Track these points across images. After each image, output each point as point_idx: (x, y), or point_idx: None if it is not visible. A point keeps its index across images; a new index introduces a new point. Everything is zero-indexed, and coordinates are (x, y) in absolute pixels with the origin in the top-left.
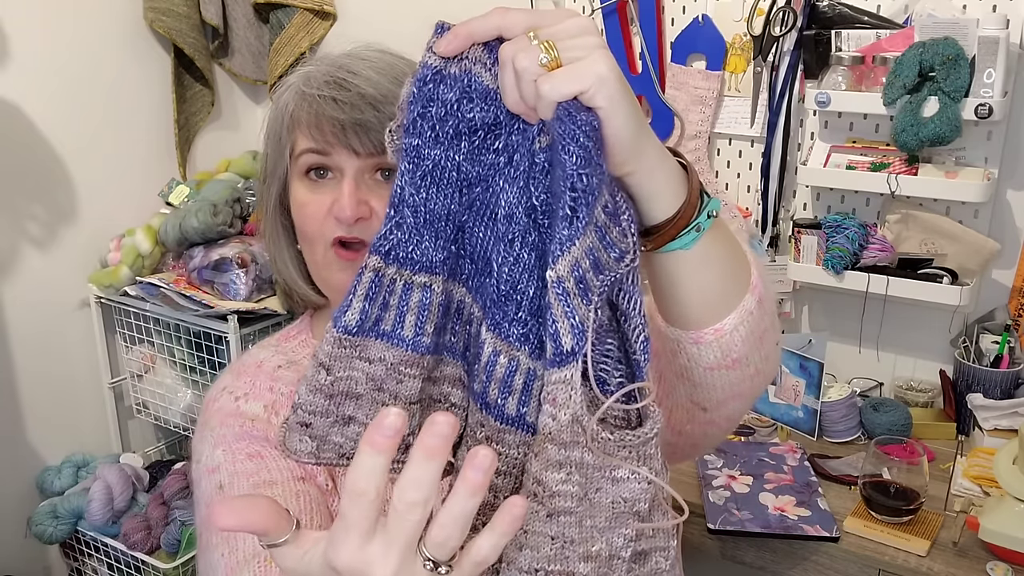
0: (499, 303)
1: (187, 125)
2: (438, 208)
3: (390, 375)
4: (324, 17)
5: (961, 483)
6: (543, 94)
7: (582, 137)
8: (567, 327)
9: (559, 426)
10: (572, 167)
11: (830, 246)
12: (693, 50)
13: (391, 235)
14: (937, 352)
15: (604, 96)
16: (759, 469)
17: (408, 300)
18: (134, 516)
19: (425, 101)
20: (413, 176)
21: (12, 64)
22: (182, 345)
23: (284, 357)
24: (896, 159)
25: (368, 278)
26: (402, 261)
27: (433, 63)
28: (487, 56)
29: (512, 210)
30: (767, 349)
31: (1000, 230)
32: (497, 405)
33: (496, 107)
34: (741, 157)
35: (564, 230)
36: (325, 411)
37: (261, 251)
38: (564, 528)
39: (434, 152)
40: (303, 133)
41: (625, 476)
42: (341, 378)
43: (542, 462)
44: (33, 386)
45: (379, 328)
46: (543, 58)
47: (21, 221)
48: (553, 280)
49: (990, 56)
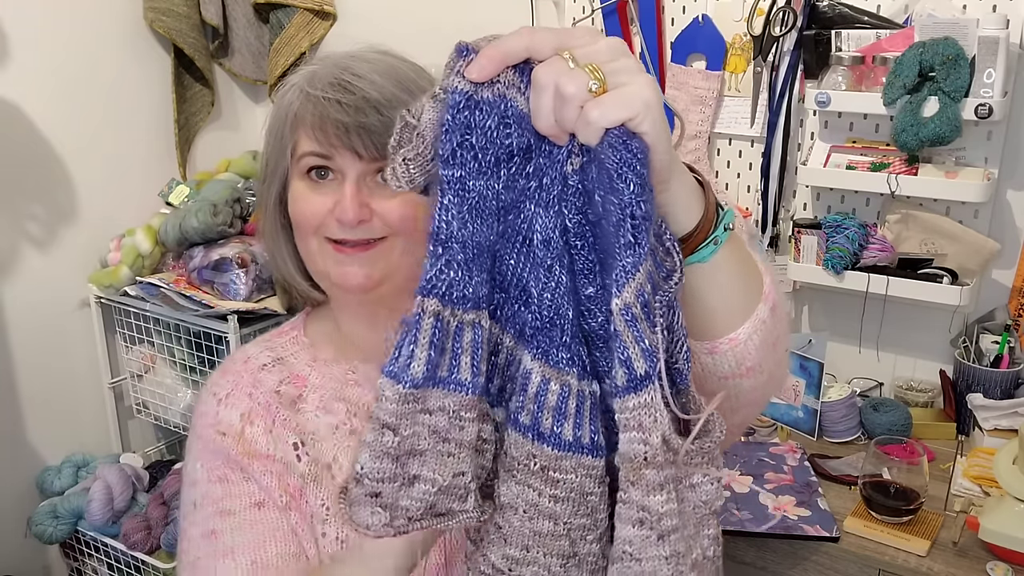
0: (543, 330)
1: (187, 125)
2: (482, 240)
3: (452, 423)
4: (324, 17)
5: (961, 483)
6: (592, 120)
7: (638, 165)
8: (638, 352)
9: (653, 450)
10: (631, 195)
11: (830, 246)
12: (693, 50)
13: (443, 275)
14: (937, 352)
15: (650, 122)
16: (759, 469)
17: (461, 341)
18: (134, 516)
19: (463, 129)
20: (460, 210)
21: (12, 64)
22: (182, 345)
23: (272, 354)
24: (896, 159)
25: (429, 324)
26: (456, 301)
27: (463, 88)
28: (519, 79)
29: (549, 235)
30: (779, 355)
31: (1000, 230)
32: (553, 433)
33: (528, 131)
34: (741, 157)
35: (628, 258)
36: (393, 475)
37: (261, 251)
38: (675, 545)
39: (478, 183)
40: (306, 134)
41: (699, 481)
42: (407, 436)
43: (642, 488)
44: (33, 386)
45: (437, 375)
46: (593, 84)
47: (21, 221)
48: (621, 308)
49: (990, 56)
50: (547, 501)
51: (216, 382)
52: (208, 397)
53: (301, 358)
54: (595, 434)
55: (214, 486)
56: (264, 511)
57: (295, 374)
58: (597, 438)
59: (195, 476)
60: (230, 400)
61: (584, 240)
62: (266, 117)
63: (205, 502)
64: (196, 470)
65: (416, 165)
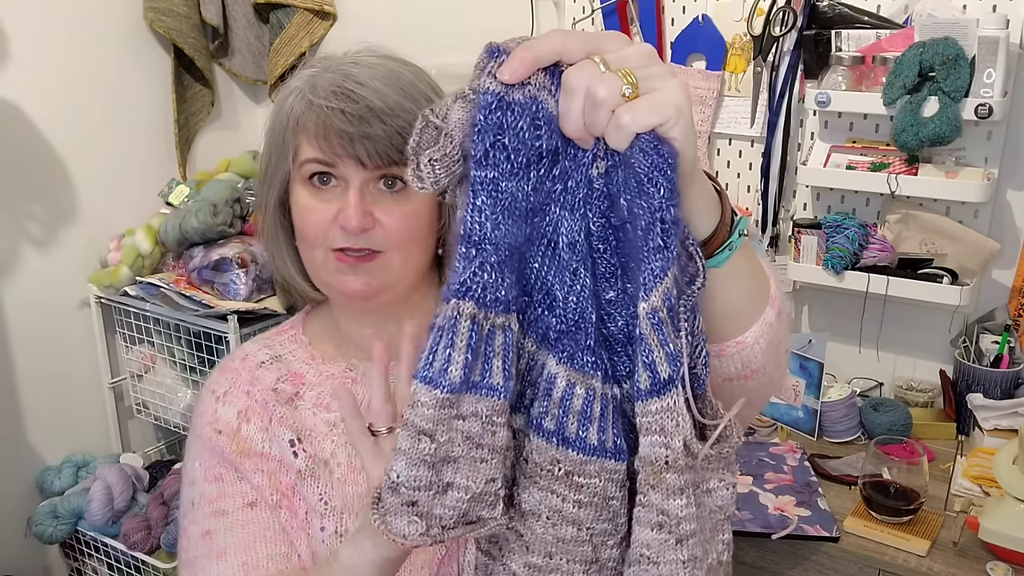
0: (569, 334)
1: (187, 125)
2: (512, 242)
3: (485, 429)
4: (324, 17)
5: (961, 483)
6: (624, 124)
7: (668, 170)
8: (663, 356)
9: (675, 454)
10: (661, 200)
11: (830, 246)
12: (693, 50)
13: (478, 277)
14: (937, 352)
15: (681, 128)
16: (759, 469)
17: (493, 344)
18: (134, 516)
19: (496, 131)
20: (493, 211)
21: (12, 64)
22: (182, 345)
23: (270, 352)
24: (896, 159)
25: (465, 327)
26: (489, 304)
27: (495, 89)
28: (550, 82)
29: (575, 238)
30: (780, 357)
31: (1000, 230)
32: (578, 437)
33: (556, 134)
34: (741, 157)
35: (657, 262)
36: (429, 483)
37: (261, 251)
38: (693, 550)
39: (510, 184)
40: (309, 142)
41: (715, 486)
42: (443, 443)
43: (662, 492)
44: (33, 386)
45: (470, 380)
46: (626, 89)
47: (21, 221)
48: (648, 312)
49: (990, 56)
50: (571, 506)
51: (215, 380)
52: (207, 395)
53: (299, 356)
54: (618, 438)
55: (210, 485)
56: (256, 511)
57: (293, 371)
58: (620, 442)
59: (193, 475)
60: (228, 398)
61: (607, 244)
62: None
63: (202, 501)
64: (195, 469)
65: (442, 166)
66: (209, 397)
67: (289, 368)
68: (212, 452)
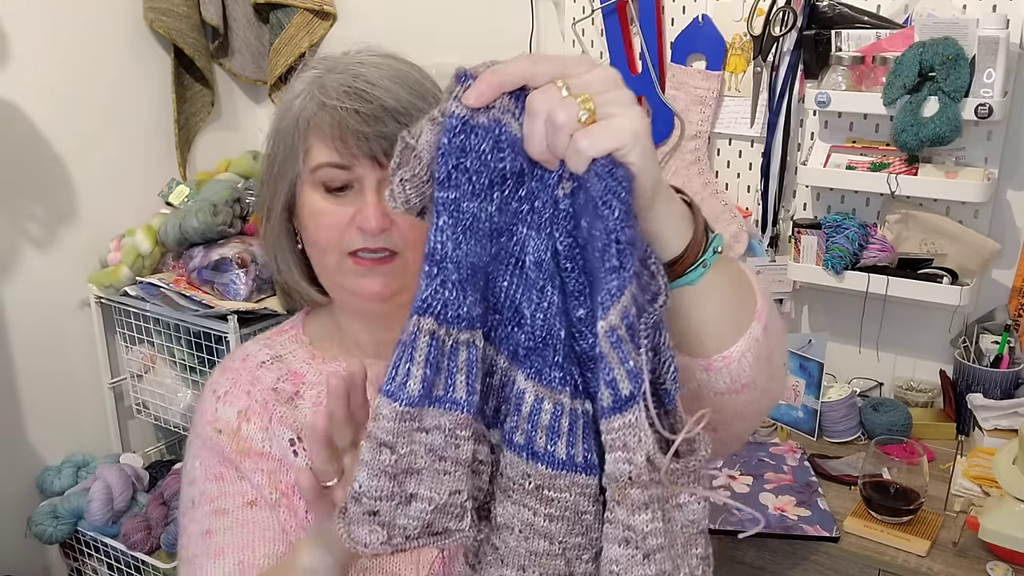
0: (537, 350)
1: (187, 125)
2: (475, 261)
3: (448, 442)
4: (324, 17)
5: (961, 483)
6: (581, 149)
7: (623, 193)
8: (623, 373)
9: (638, 469)
10: (615, 221)
11: (830, 246)
12: (693, 50)
13: (438, 294)
14: (937, 352)
15: (637, 153)
16: (759, 469)
17: (456, 360)
18: (134, 516)
19: (459, 153)
20: (455, 231)
21: (12, 64)
22: (182, 345)
23: (271, 352)
24: (896, 159)
25: (424, 342)
26: (451, 320)
27: (460, 112)
28: (514, 105)
29: (541, 256)
30: (773, 370)
31: (1000, 230)
32: (547, 451)
33: (521, 155)
34: (741, 157)
35: (613, 281)
36: (390, 494)
37: (261, 252)
38: (661, 564)
39: (472, 204)
40: (323, 143)
41: (686, 500)
42: (404, 455)
43: (627, 507)
44: (33, 386)
45: (432, 394)
46: (582, 115)
47: (21, 221)
48: (606, 330)
49: (990, 56)
50: (542, 520)
51: (216, 380)
52: (208, 395)
53: (299, 356)
54: (588, 452)
55: (210, 484)
56: (256, 510)
57: (293, 371)
58: (591, 456)
59: (194, 474)
60: (228, 397)
61: (574, 263)
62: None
63: (202, 500)
64: (195, 468)
65: (412, 186)
66: (210, 397)
67: (289, 368)
68: (212, 451)
